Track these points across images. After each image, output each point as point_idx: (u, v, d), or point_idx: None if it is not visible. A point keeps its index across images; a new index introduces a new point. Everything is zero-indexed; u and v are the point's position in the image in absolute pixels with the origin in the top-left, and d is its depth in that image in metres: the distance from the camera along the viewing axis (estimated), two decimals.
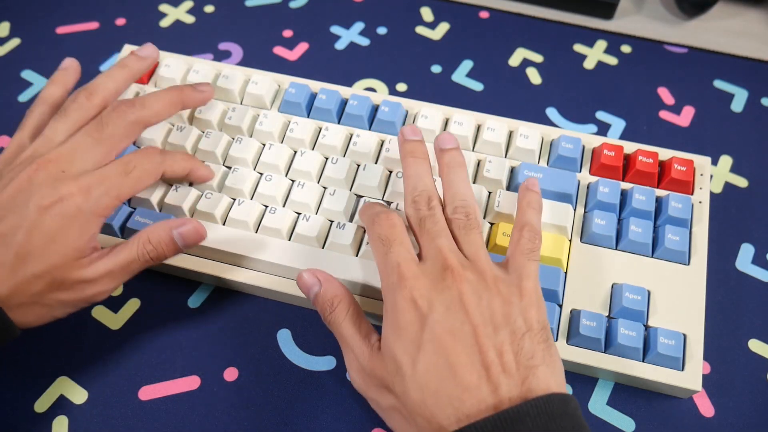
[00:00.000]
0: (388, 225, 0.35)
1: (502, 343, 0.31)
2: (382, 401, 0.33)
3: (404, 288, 0.32)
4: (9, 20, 0.58)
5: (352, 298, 0.36)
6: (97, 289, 0.36)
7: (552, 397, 0.29)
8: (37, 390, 0.40)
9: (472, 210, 0.36)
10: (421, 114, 0.45)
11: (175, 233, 0.37)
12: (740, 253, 0.45)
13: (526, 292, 0.33)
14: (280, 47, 0.56)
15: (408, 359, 0.31)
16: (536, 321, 0.32)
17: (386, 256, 0.34)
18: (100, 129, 0.37)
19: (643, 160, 0.43)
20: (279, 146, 0.44)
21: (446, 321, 0.31)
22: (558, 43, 0.56)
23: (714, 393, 0.40)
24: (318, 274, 0.37)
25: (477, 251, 0.34)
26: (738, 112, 0.52)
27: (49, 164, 0.35)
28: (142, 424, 0.39)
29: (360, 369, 0.34)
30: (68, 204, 0.34)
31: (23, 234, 0.33)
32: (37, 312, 0.35)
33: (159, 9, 0.58)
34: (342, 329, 0.35)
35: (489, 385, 0.30)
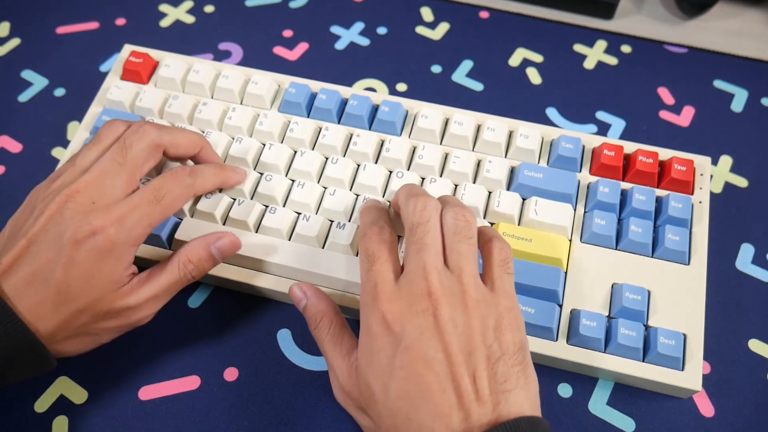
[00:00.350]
0: (377, 240, 0.34)
1: (475, 369, 0.30)
2: (360, 420, 0.34)
3: (377, 310, 0.32)
4: (9, 20, 0.58)
5: (335, 313, 0.36)
6: (143, 314, 0.36)
7: (520, 421, 0.29)
8: (37, 390, 0.40)
9: (473, 221, 0.35)
10: (421, 114, 0.45)
11: (213, 249, 0.38)
12: (740, 253, 0.45)
13: (505, 313, 0.32)
14: (280, 47, 0.56)
15: (380, 385, 0.31)
16: (512, 343, 0.31)
17: (367, 273, 0.33)
18: (124, 153, 0.36)
19: (643, 160, 0.43)
20: (279, 146, 0.44)
21: (419, 347, 0.30)
22: (558, 43, 0.56)
23: (714, 393, 0.40)
24: (305, 288, 0.37)
25: (464, 264, 0.33)
26: (738, 112, 0.52)
27: (77, 195, 0.34)
28: (142, 424, 0.39)
29: (339, 387, 0.35)
30: (102, 238, 0.34)
31: (61, 270, 0.33)
32: (83, 341, 0.36)
33: (159, 9, 0.58)
34: (323, 346, 0.35)
35: (460, 413, 0.29)
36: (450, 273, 0.32)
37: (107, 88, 0.49)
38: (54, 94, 0.53)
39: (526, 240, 0.41)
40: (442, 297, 0.31)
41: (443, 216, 0.35)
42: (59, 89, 0.53)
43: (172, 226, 0.42)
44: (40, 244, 0.33)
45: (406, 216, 0.35)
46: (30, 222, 0.34)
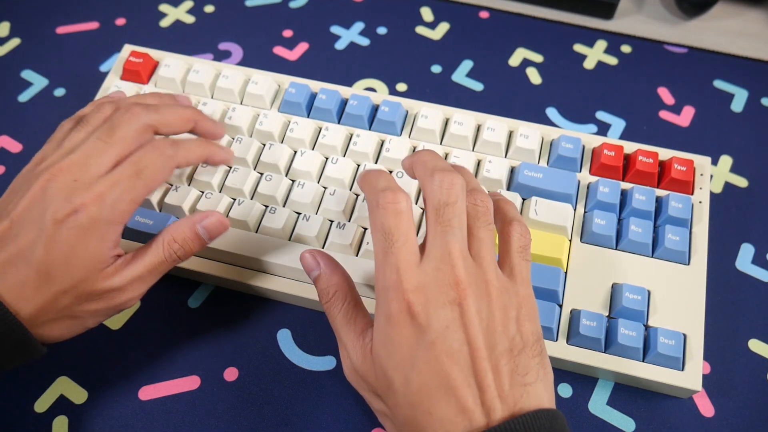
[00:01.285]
0: (393, 212, 0.31)
1: (497, 362, 0.30)
2: (373, 403, 0.33)
3: (401, 299, 0.30)
4: (9, 20, 0.58)
5: (350, 288, 0.35)
6: (127, 296, 0.35)
7: (539, 414, 0.29)
8: (37, 390, 0.40)
9: (491, 206, 0.34)
10: (421, 114, 0.45)
11: (199, 228, 0.37)
12: (740, 253, 0.45)
13: (524, 302, 0.32)
14: (280, 47, 0.56)
15: (400, 377, 0.30)
16: (531, 333, 0.31)
17: (386, 255, 0.31)
18: (111, 132, 0.35)
19: (643, 160, 0.43)
20: (279, 146, 0.44)
21: (444, 341, 0.29)
22: (558, 43, 0.56)
23: (714, 393, 0.40)
24: (319, 256, 0.36)
25: (485, 252, 0.32)
26: (738, 112, 0.52)
27: (60, 173, 0.34)
28: (142, 424, 0.39)
29: (352, 368, 0.33)
30: (83, 215, 0.33)
31: (42, 249, 0.32)
32: (67, 325, 0.34)
33: (159, 9, 0.58)
34: (336, 322, 0.34)
35: (483, 408, 0.29)
36: (473, 260, 0.32)
37: (107, 88, 0.49)
38: (54, 94, 0.53)
39: None
40: (468, 287, 0.30)
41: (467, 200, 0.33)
42: (59, 89, 0.53)
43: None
44: (23, 225, 0.33)
45: (432, 192, 0.32)
46: (13, 204, 0.34)
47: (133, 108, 0.37)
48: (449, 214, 0.32)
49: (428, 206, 0.33)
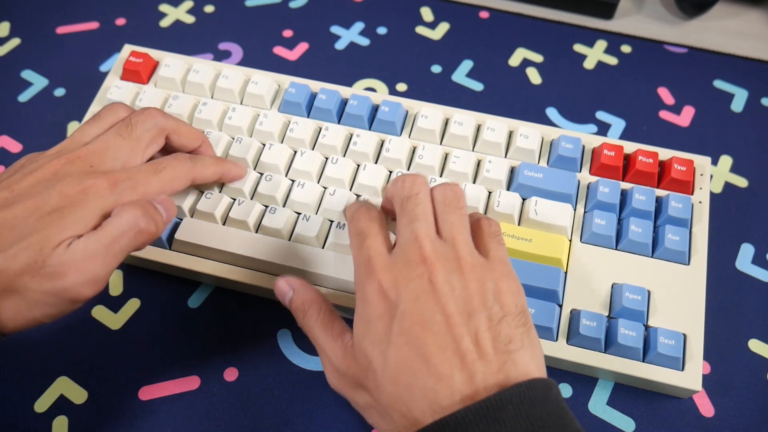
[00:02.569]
0: (366, 219, 0.34)
1: (477, 329, 0.30)
2: (358, 399, 0.33)
3: (373, 280, 0.31)
4: (9, 20, 0.58)
5: (323, 301, 0.35)
6: (70, 278, 0.31)
7: (533, 383, 0.29)
8: (37, 390, 0.40)
9: (462, 193, 0.34)
10: (421, 114, 0.45)
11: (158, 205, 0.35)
12: (740, 253, 0.45)
13: (503, 278, 0.32)
14: (280, 47, 0.56)
15: (378, 354, 0.30)
16: (513, 305, 0.31)
17: (359, 249, 0.33)
18: (130, 129, 0.37)
19: (643, 160, 0.43)
20: (279, 146, 0.44)
21: (416, 311, 0.30)
22: (558, 43, 0.56)
23: (714, 393, 0.40)
24: (291, 281, 0.36)
25: (456, 233, 0.32)
26: (738, 112, 0.52)
27: (77, 160, 0.34)
28: (142, 424, 0.39)
29: (334, 369, 0.34)
30: (91, 193, 0.33)
31: (36, 219, 0.31)
32: (16, 305, 0.31)
33: (159, 9, 0.58)
34: (314, 332, 0.35)
35: (463, 373, 0.29)
36: (443, 242, 0.32)
37: (107, 88, 0.49)
38: (54, 94, 0.53)
39: (526, 240, 0.41)
40: (436, 261, 0.31)
41: (433, 191, 0.35)
42: (59, 89, 0.53)
43: (172, 226, 0.42)
44: (21, 196, 0.32)
45: (396, 192, 0.35)
46: (16, 177, 0.33)
47: (149, 110, 0.38)
48: (412, 205, 0.33)
49: (395, 206, 0.35)
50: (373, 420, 0.32)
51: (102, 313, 0.43)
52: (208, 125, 0.46)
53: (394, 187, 0.35)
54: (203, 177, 0.39)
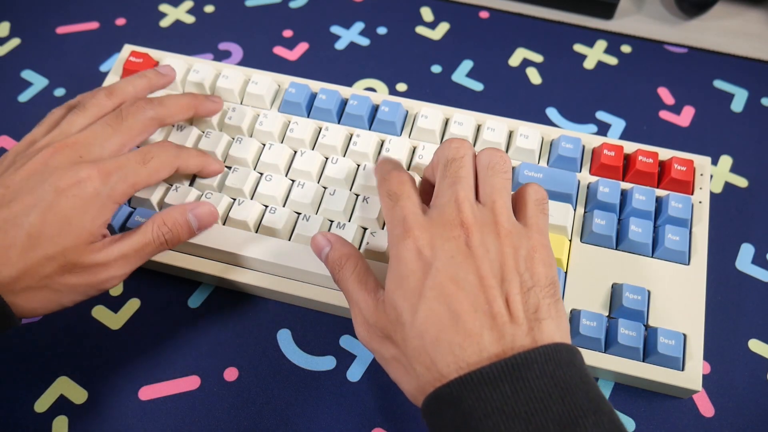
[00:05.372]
0: (397, 181, 0.35)
1: (508, 293, 0.30)
2: (384, 352, 0.33)
3: (408, 238, 0.32)
4: (9, 20, 0.58)
5: (360, 257, 0.36)
6: (109, 273, 0.35)
7: (559, 346, 0.29)
8: (37, 390, 0.40)
9: (508, 159, 0.35)
10: (421, 114, 0.45)
11: (190, 216, 0.38)
12: (740, 253, 0.45)
13: (538, 247, 0.32)
14: (280, 47, 0.56)
15: (408, 306, 0.31)
16: (544, 276, 0.31)
17: (393, 209, 0.34)
18: (119, 120, 0.37)
19: (643, 160, 0.43)
20: (279, 146, 0.44)
21: (450, 269, 0.30)
22: (558, 43, 0.56)
23: (714, 393, 0.40)
24: (329, 236, 0.37)
25: (496, 197, 0.33)
26: (738, 112, 0.52)
27: (66, 148, 0.35)
28: (142, 424, 0.39)
29: (364, 321, 0.34)
30: (86, 186, 0.34)
31: (38, 214, 0.33)
32: (45, 297, 0.34)
33: (159, 9, 0.58)
34: (348, 285, 0.35)
35: (493, 333, 0.29)
36: (482, 206, 0.33)
37: None
38: (54, 94, 0.53)
39: None
40: (473, 225, 0.31)
41: (478, 155, 0.35)
42: (59, 89, 0.53)
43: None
44: (18, 192, 0.33)
45: (441, 153, 0.35)
46: (9, 173, 0.34)
47: (138, 102, 0.39)
48: (456, 167, 0.34)
49: (438, 165, 0.35)
50: (396, 373, 0.33)
51: (102, 313, 0.43)
52: (208, 125, 0.46)
53: (439, 150, 0.35)
54: (186, 166, 0.40)
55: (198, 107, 0.43)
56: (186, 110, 0.42)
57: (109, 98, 0.39)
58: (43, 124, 0.38)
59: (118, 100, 0.39)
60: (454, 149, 0.35)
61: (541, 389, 0.27)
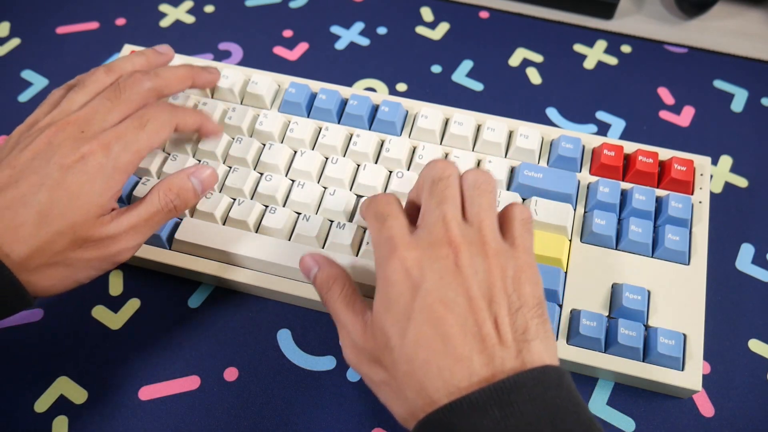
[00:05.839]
0: (384, 202, 0.34)
1: (497, 315, 0.30)
2: (373, 376, 0.33)
3: (395, 258, 0.31)
4: (9, 20, 0.58)
5: (347, 278, 0.36)
6: (121, 245, 0.36)
7: (547, 369, 0.29)
8: (37, 390, 0.40)
9: (493, 179, 0.35)
10: (421, 114, 0.45)
11: (193, 179, 0.39)
12: (740, 253, 0.45)
13: (524, 267, 0.32)
14: (280, 47, 0.56)
15: (397, 330, 0.30)
16: (531, 296, 0.31)
17: (380, 230, 0.33)
18: (118, 93, 0.38)
19: (643, 160, 0.43)
20: (279, 146, 0.44)
21: (439, 290, 0.30)
22: (558, 43, 0.56)
23: (714, 393, 0.40)
24: (317, 257, 0.37)
25: (483, 216, 0.33)
26: (738, 112, 0.52)
27: (67, 126, 0.35)
28: (142, 424, 0.39)
29: (352, 345, 0.34)
30: (90, 161, 0.35)
31: (46, 192, 0.33)
32: (59, 273, 0.35)
33: (159, 9, 0.58)
34: (335, 307, 0.35)
35: (482, 356, 0.29)
36: (469, 225, 0.32)
37: None
38: None
39: None
40: (462, 244, 0.31)
41: (463, 175, 0.35)
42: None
43: (172, 226, 0.42)
44: (24, 172, 0.34)
45: (426, 173, 0.35)
46: (14, 154, 0.35)
47: (135, 74, 0.39)
48: (442, 187, 0.33)
49: (424, 186, 0.35)
50: (386, 397, 0.32)
51: (102, 313, 0.43)
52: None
53: (425, 171, 0.35)
54: (185, 124, 0.40)
55: (195, 78, 0.43)
56: (183, 81, 0.42)
57: (108, 75, 0.40)
58: (44, 104, 0.39)
59: (116, 77, 0.40)
60: (439, 169, 0.34)
61: (530, 413, 0.27)
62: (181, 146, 0.44)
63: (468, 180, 0.34)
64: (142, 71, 0.40)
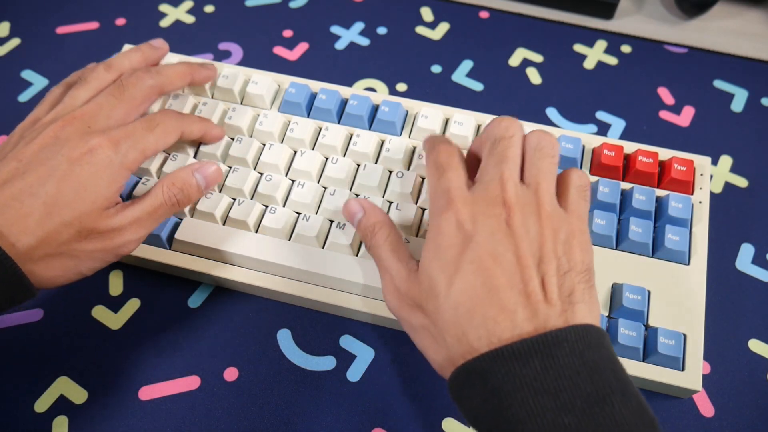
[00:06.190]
0: (446, 153, 0.35)
1: (545, 274, 0.30)
2: (413, 320, 0.33)
3: (450, 210, 0.32)
4: (9, 20, 0.58)
5: (392, 225, 0.36)
6: (125, 237, 0.36)
7: (590, 327, 0.29)
8: (37, 390, 0.40)
9: (557, 143, 0.35)
10: (421, 114, 0.45)
11: (197, 175, 0.39)
12: (740, 253, 0.45)
13: (576, 232, 0.32)
14: (280, 47, 0.56)
15: (444, 278, 0.31)
16: (580, 262, 0.32)
17: (438, 181, 0.34)
18: (121, 91, 0.39)
19: (643, 160, 0.43)
20: (279, 146, 0.44)
21: (489, 245, 0.31)
22: (558, 43, 0.56)
23: (714, 393, 0.40)
24: (362, 201, 0.38)
25: (541, 179, 0.33)
26: (738, 112, 0.52)
27: (74, 121, 0.36)
28: (142, 424, 0.39)
29: (395, 290, 0.34)
30: (99, 155, 0.35)
31: (53, 184, 0.34)
32: (63, 264, 0.35)
33: (159, 9, 0.58)
34: (381, 252, 0.35)
35: (527, 311, 0.29)
36: (526, 187, 0.33)
37: None
38: None
39: None
40: (516, 205, 0.32)
41: (527, 135, 0.35)
42: None
43: (172, 226, 0.42)
44: (31, 164, 0.34)
45: (490, 131, 0.35)
46: (20, 147, 0.36)
47: (137, 72, 0.40)
48: (504, 146, 0.34)
49: (486, 142, 0.35)
50: (424, 343, 0.33)
51: (102, 313, 0.43)
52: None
53: (489, 127, 0.35)
54: (190, 131, 0.42)
55: (194, 74, 0.44)
56: (183, 77, 0.43)
57: (108, 72, 0.40)
58: (45, 102, 0.40)
59: (116, 73, 0.41)
60: (503, 128, 0.35)
61: (570, 367, 0.28)
62: (182, 146, 0.44)
63: (531, 141, 0.34)
64: (144, 69, 0.41)
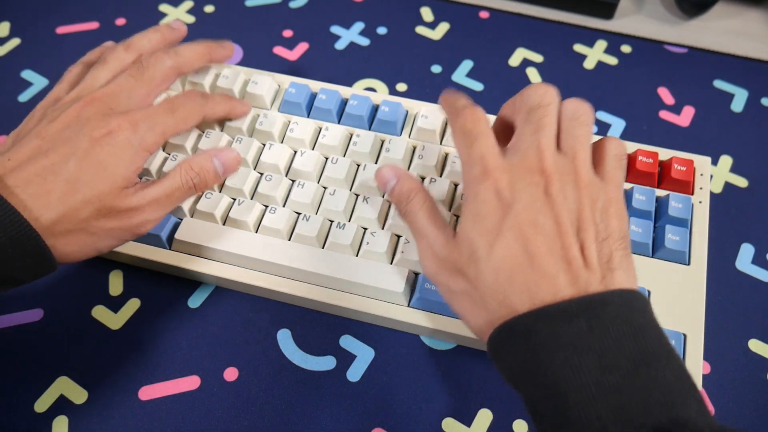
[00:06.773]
0: (472, 118, 0.34)
1: (584, 241, 0.30)
2: (453, 285, 0.33)
3: (488, 179, 0.32)
4: (9, 20, 0.58)
5: (427, 192, 0.36)
6: (143, 217, 0.37)
7: (635, 293, 0.30)
8: (37, 390, 0.40)
9: (593, 111, 0.34)
10: (421, 114, 0.45)
11: (215, 161, 0.40)
12: (740, 253, 0.45)
13: (613, 200, 0.32)
14: (280, 47, 0.56)
15: (485, 243, 0.31)
16: (618, 229, 0.32)
17: (470, 148, 0.33)
18: (141, 71, 0.40)
19: (643, 160, 0.43)
20: (279, 146, 0.44)
21: (529, 213, 0.31)
22: (558, 43, 0.56)
23: (714, 393, 0.40)
24: (395, 169, 0.38)
25: (578, 148, 0.33)
26: (738, 112, 0.52)
27: (96, 101, 0.37)
28: (142, 424, 0.39)
29: (433, 255, 0.34)
30: (119, 135, 0.36)
31: (75, 162, 0.35)
32: (82, 240, 0.36)
33: (159, 9, 0.58)
34: (417, 218, 0.35)
35: (568, 276, 0.29)
36: (563, 155, 0.33)
37: None
38: None
39: None
40: (554, 173, 0.32)
41: (563, 104, 0.35)
42: None
43: (172, 226, 0.42)
44: (53, 143, 0.35)
45: (527, 97, 0.35)
46: (43, 125, 0.36)
47: (156, 53, 0.41)
48: (540, 114, 0.33)
49: (521, 109, 0.34)
50: (463, 307, 0.33)
51: (102, 313, 0.43)
52: (209, 125, 0.46)
53: (524, 94, 0.35)
54: (214, 113, 0.42)
55: (212, 54, 0.44)
56: (201, 58, 0.43)
57: (127, 52, 0.41)
58: (64, 81, 0.41)
59: (135, 54, 0.41)
60: (540, 95, 0.34)
61: (615, 329, 0.28)
62: (182, 147, 0.44)
63: (567, 110, 0.34)
64: (163, 50, 0.41)
